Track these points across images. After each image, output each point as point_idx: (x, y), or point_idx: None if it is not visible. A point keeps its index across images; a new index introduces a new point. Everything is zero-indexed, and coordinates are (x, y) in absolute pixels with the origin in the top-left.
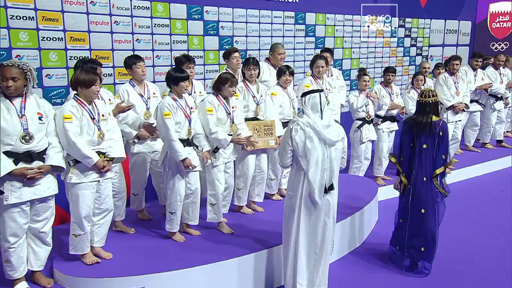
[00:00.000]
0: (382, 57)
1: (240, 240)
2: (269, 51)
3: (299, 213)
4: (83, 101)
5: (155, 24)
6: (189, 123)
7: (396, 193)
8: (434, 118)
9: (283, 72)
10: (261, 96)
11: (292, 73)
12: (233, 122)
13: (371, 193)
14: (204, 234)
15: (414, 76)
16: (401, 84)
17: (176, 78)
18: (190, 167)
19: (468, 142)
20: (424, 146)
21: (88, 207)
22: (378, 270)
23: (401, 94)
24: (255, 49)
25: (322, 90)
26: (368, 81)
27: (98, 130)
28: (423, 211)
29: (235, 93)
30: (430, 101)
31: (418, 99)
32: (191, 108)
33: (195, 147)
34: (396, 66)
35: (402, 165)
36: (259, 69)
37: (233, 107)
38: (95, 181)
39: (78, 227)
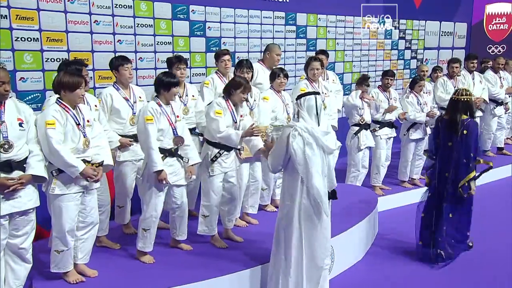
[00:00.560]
0: (376, 60)
1: (234, 255)
2: (263, 52)
3: (299, 225)
4: (67, 105)
5: (138, 24)
6: (174, 132)
7: (396, 203)
8: (464, 116)
9: (277, 75)
10: (255, 100)
11: (286, 76)
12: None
13: (371, 204)
14: (196, 249)
15: (414, 81)
16: (395, 89)
17: (169, 83)
18: (164, 182)
19: None
20: (449, 143)
21: (72, 221)
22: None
23: (399, 99)
24: (243, 51)
25: (318, 93)
26: (366, 91)
27: (84, 137)
28: (445, 206)
29: (246, 99)
30: (463, 99)
31: (452, 97)
32: (177, 116)
33: (179, 159)
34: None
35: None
36: (253, 72)
37: (241, 116)
38: (80, 192)
39: (61, 242)
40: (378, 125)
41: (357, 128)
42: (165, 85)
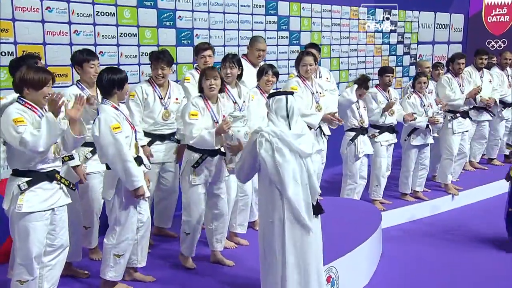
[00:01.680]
0: (365, 56)
1: (219, 283)
2: (238, 46)
3: (282, 248)
4: (33, 105)
5: (98, 12)
6: (135, 136)
7: (398, 219)
8: None
9: (265, 72)
10: (244, 101)
11: (276, 74)
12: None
13: (374, 220)
14: (164, 277)
15: (416, 79)
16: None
17: (123, 80)
18: (142, 198)
19: (474, 157)
20: None
21: (40, 244)
22: None
23: (400, 99)
24: (219, 44)
25: (291, 93)
26: (364, 94)
27: (54, 143)
28: None
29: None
30: None
31: None
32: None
33: (144, 165)
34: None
35: None
36: (240, 68)
37: (224, 116)
38: (50, 209)
39: (26, 271)
40: (378, 130)
41: (353, 133)
42: (119, 82)
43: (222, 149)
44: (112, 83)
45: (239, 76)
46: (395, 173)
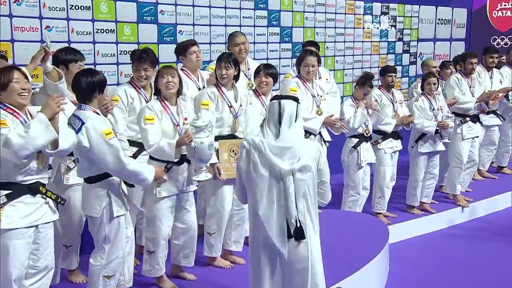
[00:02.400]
0: (362, 55)
1: None
2: (226, 43)
3: (263, 273)
4: (13, 109)
5: (72, 6)
6: None
7: (404, 235)
8: None
9: (258, 72)
10: (241, 105)
11: (272, 75)
12: None
13: (381, 235)
14: None
15: (424, 79)
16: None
17: (102, 82)
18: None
19: (482, 165)
20: None
21: (21, 265)
22: None
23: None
24: (204, 42)
25: (294, 98)
26: (369, 94)
27: (38, 153)
28: None
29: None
30: None
31: None
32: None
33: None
34: (379, 67)
35: None
36: (237, 68)
37: (185, 119)
38: (33, 226)
39: None
40: (381, 136)
41: (356, 140)
42: (98, 84)
43: None
44: (92, 86)
45: (236, 77)
46: (399, 183)
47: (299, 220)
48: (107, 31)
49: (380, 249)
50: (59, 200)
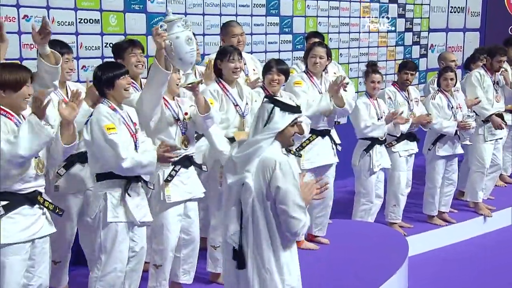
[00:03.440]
0: (368, 47)
1: None
2: (220, 33)
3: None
4: (8, 111)
5: None
6: (136, 147)
7: (422, 247)
8: None
9: (269, 68)
10: (247, 104)
11: (284, 72)
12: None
13: (399, 249)
14: None
15: (441, 74)
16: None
17: (111, 77)
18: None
19: (505, 170)
20: None
21: (17, 285)
22: None
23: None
24: (198, 33)
25: (284, 104)
26: (379, 82)
27: (35, 157)
28: None
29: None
30: None
31: None
32: (135, 124)
33: (145, 186)
34: (386, 61)
35: None
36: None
37: (186, 114)
38: (29, 241)
39: None
40: (395, 138)
41: (368, 142)
42: (107, 80)
43: (197, 160)
44: (98, 81)
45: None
46: (413, 190)
47: (237, 243)
48: (90, 21)
49: (399, 264)
50: (57, 210)
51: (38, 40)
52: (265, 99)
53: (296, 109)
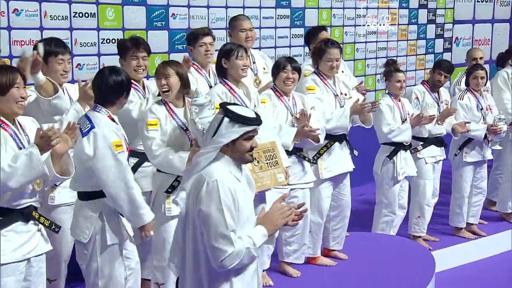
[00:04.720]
0: (387, 41)
1: None
2: (227, 28)
3: None
4: (4, 120)
5: None
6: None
7: (450, 263)
8: None
9: (282, 67)
10: (255, 105)
11: (297, 70)
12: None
13: (425, 266)
14: None
15: (470, 73)
16: (415, 84)
17: (129, 84)
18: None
19: None
20: None
21: None
22: None
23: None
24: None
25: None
26: (404, 81)
27: None
28: None
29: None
30: None
31: None
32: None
33: None
34: (407, 56)
35: None
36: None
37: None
38: (25, 260)
39: None
40: (421, 143)
41: (392, 148)
42: (119, 89)
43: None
44: (118, 87)
45: None
46: (441, 199)
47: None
48: (86, 15)
49: (426, 282)
50: (54, 226)
51: (28, 72)
52: (220, 108)
53: (251, 121)
